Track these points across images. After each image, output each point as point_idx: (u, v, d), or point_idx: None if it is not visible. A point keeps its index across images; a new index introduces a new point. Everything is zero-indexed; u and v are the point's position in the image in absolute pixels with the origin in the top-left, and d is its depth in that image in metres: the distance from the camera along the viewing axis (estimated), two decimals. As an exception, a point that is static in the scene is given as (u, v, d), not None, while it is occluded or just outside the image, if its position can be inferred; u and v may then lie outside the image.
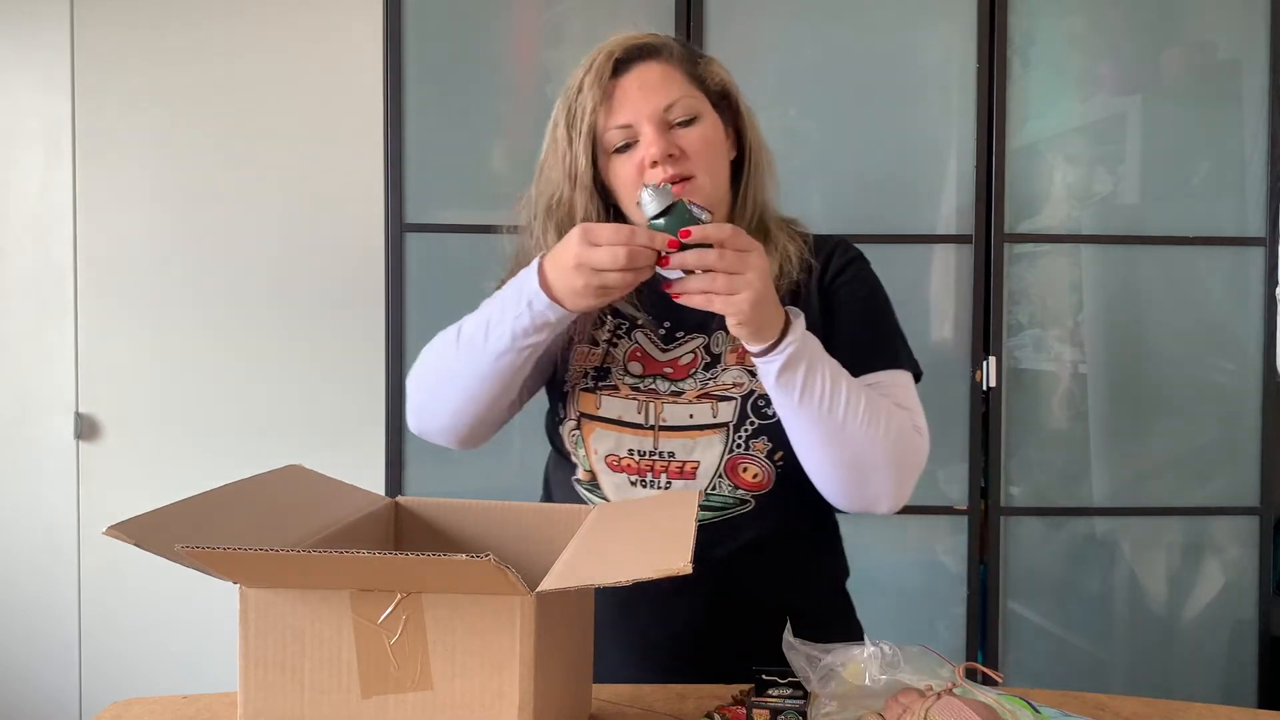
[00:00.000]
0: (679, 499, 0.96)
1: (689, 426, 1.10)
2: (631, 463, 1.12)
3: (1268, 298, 2.20)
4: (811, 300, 1.13)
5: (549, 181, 1.11)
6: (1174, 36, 2.22)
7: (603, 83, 1.07)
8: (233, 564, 0.75)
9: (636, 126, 1.07)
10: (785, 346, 0.97)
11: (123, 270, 2.57)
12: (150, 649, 2.58)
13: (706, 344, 1.13)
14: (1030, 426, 2.21)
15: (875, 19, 2.19)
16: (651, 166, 1.06)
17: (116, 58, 2.54)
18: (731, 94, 1.14)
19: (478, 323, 1.05)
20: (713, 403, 1.10)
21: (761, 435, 1.09)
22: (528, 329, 1.01)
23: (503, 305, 1.03)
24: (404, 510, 1.05)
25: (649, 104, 1.06)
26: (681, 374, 1.12)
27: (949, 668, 0.87)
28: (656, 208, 0.95)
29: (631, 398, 1.12)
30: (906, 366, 1.12)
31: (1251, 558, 2.24)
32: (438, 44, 2.19)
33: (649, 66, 1.09)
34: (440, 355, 1.10)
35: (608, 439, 1.12)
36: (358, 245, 2.49)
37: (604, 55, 1.08)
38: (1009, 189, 2.17)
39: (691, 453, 1.10)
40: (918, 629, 2.22)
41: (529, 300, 0.99)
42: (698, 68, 1.12)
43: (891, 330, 1.15)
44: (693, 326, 1.14)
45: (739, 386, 1.10)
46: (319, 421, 2.55)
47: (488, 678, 0.76)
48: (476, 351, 1.04)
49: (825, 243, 1.19)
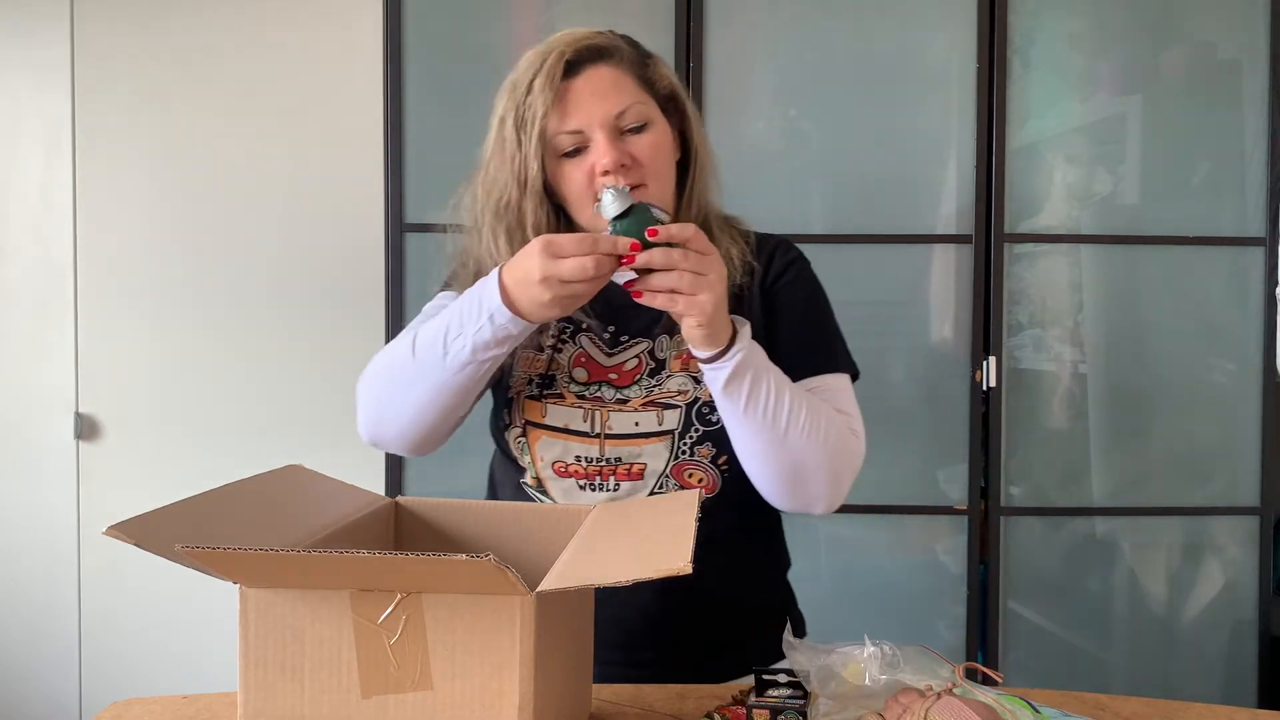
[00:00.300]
0: (679, 499, 0.96)
1: (635, 434, 1.11)
2: (579, 468, 1.13)
3: (1268, 298, 2.20)
4: (754, 302, 1.14)
5: (496, 183, 1.10)
6: (1174, 36, 2.22)
7: (554, 85, 1.05)
8: (233, 564, 0.75)
9: (588, 133, 1.06)
10: (733, 355, 0.99)
11: (123, 270, 2.57)
12: (150, 649, 2.58)
13: (651, 349, 1.13)
14: (1030, 426, 2.21)
15: (875, 19, 2.19)
16: (603, 175, 1.05)
17: (116, 57, 2.54)
18: (678, 96, 1.14)
19: (434, 334, 1.04)
20: (658, 410, 1.11)
21: (706, 441, 1.11)
22: (489, 342, 1.00)
23: (461, 317, 1.02)
24: (404, 510, 1.05)
25: (601, 110, 1.06)
26: (626, 380, 1.12)
27: (949, 668, 0.87)
28: (617, 209, 0.95)
29: (577, 405, 1.12)
30: (845, 369, 1.14)
31: (1251, 558, 2.24)
32: (438, 44, 2.19)
33: (600, 70, 1.07)
34: (394, 365, 1.08)
35: (554, 447, 1.13)
36: (358, 245, 2.49)
37: (555, 56, 1.06)
38: (1009, 189, 2.17)
39: (638, 458, 1.12)
40: (918, 629, 2.22)
41: (490, 314, 0.99)
42: (647, 70, 1.11)
43: (832, 333, 1.17)
44: (637, 331, 1.14)
45: (684, 394, 1.11)
46: (319, 421, 2.54)
47: (488, 678, 0.76)
48: (435, 363, 1.03)
49: (766, 243, 1.20)
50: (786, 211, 2.19)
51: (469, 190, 1.15)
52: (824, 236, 2.16)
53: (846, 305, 1.22)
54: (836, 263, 2.15)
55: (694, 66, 2.15)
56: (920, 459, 2.21)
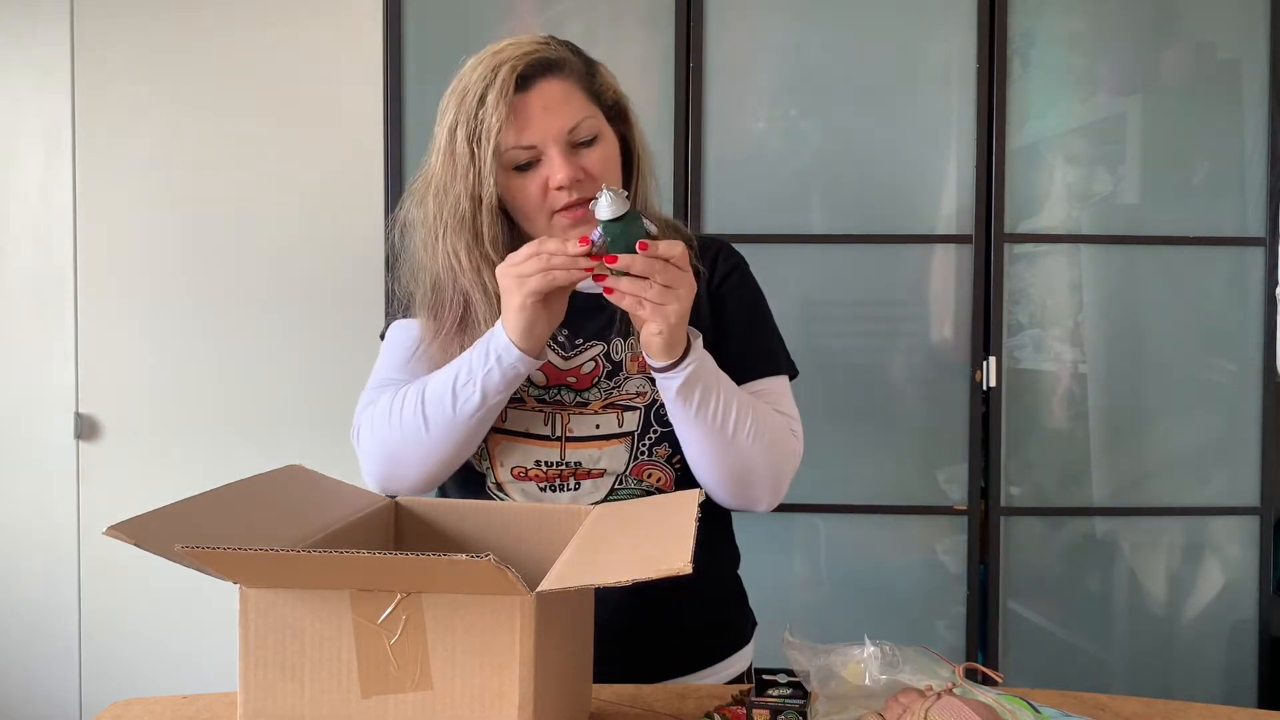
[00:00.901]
0: (679, 500, 0.96)
1: (595, 437, 1.13)
2: (539, 472, 1.14)
3: (1268, 298, 2.20)
4: (701, 305, 1.16)
5: (448, 198, 1.10)
6: (1174, 36, 2.22)
7: (508, 100, 1.06)
8: (233, 564, 0.75)
9: (542, 148, 1.07)
10: (686, 365, 1.03)
11: (123, 270, 2.56)
12: (150, 649, 2.58)
13: (606, 351, 1.15)
14: (1030, 426, 2.22)
15: (875, 19, 2.19)
16: (557, 190, 1.08)
17: (116, 57, 2.54)
18: (621, 103, 1.16)
19: (441, 385, 1.07)
20: (618, 412, 1.14)
21: (664, 442, 1.14)
22: (497, 385, 1.04)
23: (470, 365, 1.05)
24: (404, 510, 1.05)
25: (555, 126, 1.07)
26: (585, 384, 1.14)
27: (949, 668, 0.87)
28: (612, 213, 0.97)
29: (538, 410, 1.14)
30: (785, 371, 1.19)
31: (1251, 558, 2.24)
32: (438, 44, 2.19)
33: (550, 84, 1.08)
34: (402, 425, 1.08)
35: (514, 451, 1.15)
36: (358, 244, 2.49)
37: (507, 69, 1.06)
38: (1009, 189, 2.17)
39: (598, 461, 1.14)
40: (918, 629, 2.22)
41: (498, 356, 1.03)
42: (594, 83, 1.13)
43: (774, 337, 1.22)
44: (591, 334, 1.15)
45: (642, 396, 1.14)
46: (319, 421, 2.54)
47: (488, 678, 0.76)
48: (446, 418, 1.06)
49: (709, 247, 1.22)
50: (786, 211, 2.19)
51: (416, 201, 1.14)
52: (824, 236, 2.16)
53: (846, 305, 1.22)
54: (837, 263, 2.16)
55: (694, 66, 2.15)
56: (920, 459, 2.21)
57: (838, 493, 2.19)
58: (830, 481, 2.19)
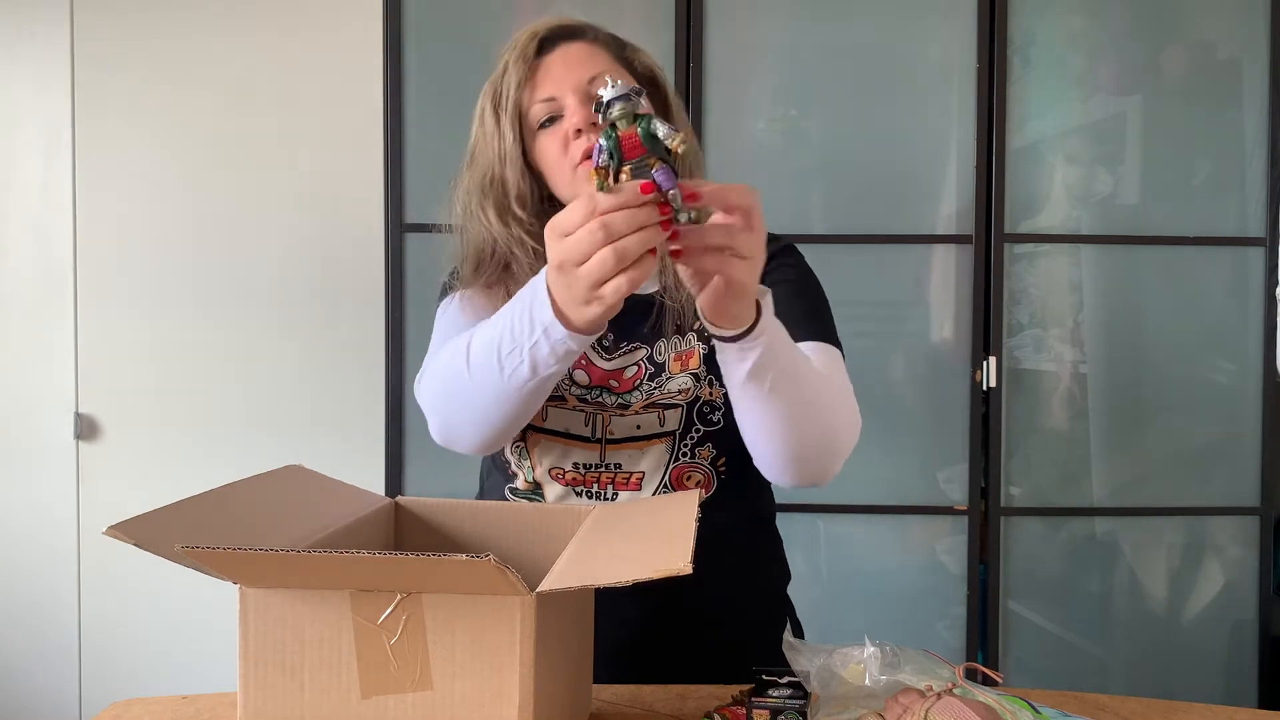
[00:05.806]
0: (679, 499, 0.96)
1: (636, 437, 1.10)
2: (576, 475, 1.12)
3: (1268, 298, 2.20)
4: None
5: (480, 165, 1.10)
6: (1174, 36, 2.22)
7: (528, 61, 1.06)
8: (233, 564, 0.75)
9: (560, 99, 1.06)
10: (760, 333, 0.88)
11: (123, 270, 2.56)
12: (150, 649, 2.58)
13: (649, 354, 1.11)
14: (1030, 426, 2.21)
15: (875, 19, 2.19)
16: (575, 137, 1.04)
17: (116, 57, 2.54)
18: (660, 82, 1.12)
19: (485, 347, 0.93)
20: (659, 411, 1.10)
21: (707, 443, 1.10)
22: (547, 360, 0.88)
23: (513, 330, 0.89)
24: (404, 510, 1.05)
25: (572, 76, 1.06)
26: (627, 386, 1.10)
27: (949, 668, 0.87)
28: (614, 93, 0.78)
29: (579, 409, 1.11)
30: (837, 345, 1.08)
31: (1251, 558, 2.24)
32: (438, 44, 2.19)
33: (574, 45, 1.08)
34: (454, 378, 0.99)
35: (553, 451, 1.12)
36: (358, 245, 2.49)
37: (528, 35, 1.08)
38: (1009, 189, 2.17)
39: (638, 463, 1.10)
40: (918, 629, 2.22)
41: (544, 328, 0.86)
42: (624, 51, 1.11)
43: (827, 311, 1.12)
44: (636, 337, 1.11)
45: (685, 393, 1.09)
46: (319, 421, 2.55)
47: (488, 678, 0.76)
48: (492, 379, 0.93)
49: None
50: (787, 211, 2.19)
51: (459, 184, 1.15)
52: (824, 236, 2.16)
53: (846, 305, 1.21)
54: (836, 263, 2.16)
55: (694, 66, 2.15)
56: (920, 459, 2.21)
57: (838, 493, 2.18)
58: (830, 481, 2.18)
